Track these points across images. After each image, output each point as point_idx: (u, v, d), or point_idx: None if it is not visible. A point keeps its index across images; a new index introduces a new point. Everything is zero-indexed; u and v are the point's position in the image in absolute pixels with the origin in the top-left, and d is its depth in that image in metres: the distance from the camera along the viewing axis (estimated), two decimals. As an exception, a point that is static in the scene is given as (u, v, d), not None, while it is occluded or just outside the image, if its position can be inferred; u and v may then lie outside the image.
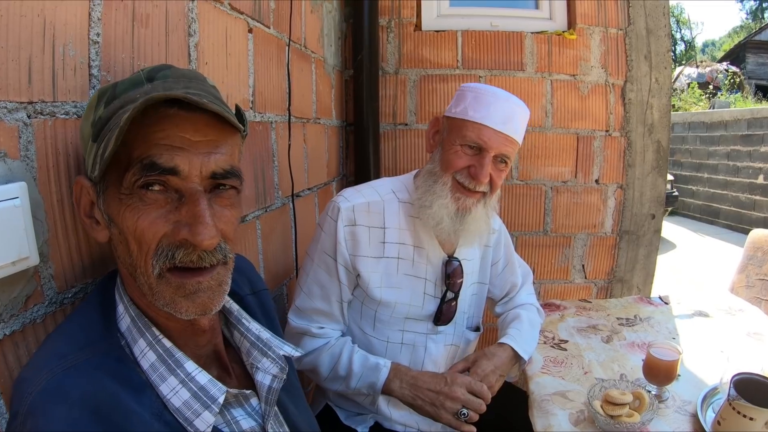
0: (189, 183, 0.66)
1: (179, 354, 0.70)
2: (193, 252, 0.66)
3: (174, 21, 0.99)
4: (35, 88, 0.68)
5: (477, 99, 1.30)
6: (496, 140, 1.28)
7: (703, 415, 1.17)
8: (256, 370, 0.82)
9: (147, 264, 0.66)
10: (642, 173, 2.56)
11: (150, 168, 0.63)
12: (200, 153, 0.66)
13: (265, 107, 1.46)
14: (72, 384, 0.59)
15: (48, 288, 0.72)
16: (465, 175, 1.31)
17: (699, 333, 1.67)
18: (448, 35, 2.46)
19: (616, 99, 2.50)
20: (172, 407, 0.67)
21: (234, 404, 0.77)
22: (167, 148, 0.64)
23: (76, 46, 0.75)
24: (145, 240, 0.65)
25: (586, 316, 1.80)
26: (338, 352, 1.37)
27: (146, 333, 0.70)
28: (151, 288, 0.67)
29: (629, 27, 2.46)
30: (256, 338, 0.84)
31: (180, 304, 0.67)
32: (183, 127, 0.65)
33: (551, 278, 2.65)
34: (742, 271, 2.37)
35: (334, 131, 2.35)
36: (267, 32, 1.46)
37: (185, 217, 0.65)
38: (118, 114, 0.65)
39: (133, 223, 0.65)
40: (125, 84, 0.69)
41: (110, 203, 0.67)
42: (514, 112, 1.31)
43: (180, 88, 0.68)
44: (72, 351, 0.62)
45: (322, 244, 1.37)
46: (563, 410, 1.23)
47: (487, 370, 1.35)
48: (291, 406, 0.89)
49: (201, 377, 0.70)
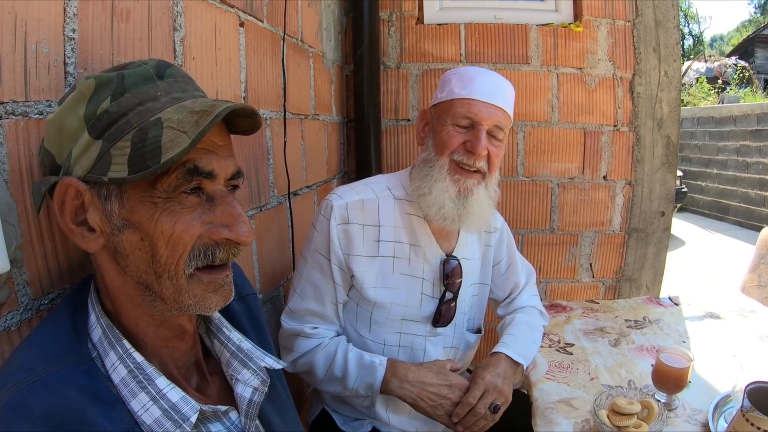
0: (217, 185, 0.69)
1: (150, 369, 0.67)
2: (230, 249, 0.70)
3: (157, 15, 0.95)
4: (6, 87, 0.65)
5: (460, 78, 1.30)
6: (486, 112, 1.27)
7: (714, 425, 1.13)
8: (236, 382, 0.79)
9: (179, 266, 0.66)
10: (651, 169, 2.51)
11: (194, 172, 0.64)
12: (224, 156, 0.70)
13: (259, 103, 1.42)
14: (36, 400, 0.57)
15: (22, 294, 0.70)
16: (462, 152, 1.28)
17: (710, 336, 1.62)
18: (451, 28, 2.41)
19: (624, 93, 2.44)
20: (143, 424, 0.64)
21: (211, 419, 0.73)
22: (204, 152, 0.66)
23: (50, 43, 0.72)
24: (182, 242, 0.65)
25: (593, 318, 1.75)
26: (333, 352, 1.33)
27: (117, 346, 0.66)
28: (179, 290, 0.67)
29: (637, 19, 2.39)
30: (237, 348, 0.81)
31: (210, 299, 0.70)
32: (213, 132, 0.68)
33: (558, 277, 2.60)
34: (754, 270, 2.32)
35: (335, 127, 2.31)
36: (260, 26, 1.42)
37: (221, 218, 0.68)
38: (139, 111, 0.64)
39: (170, 226, 0.64)
40: (133, 78, 0.65)
41: (135, 207, 0.64)
42: (500, 85, 1.31)
43: (193, 90, 0.71)
44: (39, 363, 0.60)
45: (315, 243, 1.34)
46: (567, 419, 1.19)
47: (477, 395, 1.30)
48: (276, 419, 0.85)
49: (173, 394, 0.66)
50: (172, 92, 0.67)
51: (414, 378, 1.30)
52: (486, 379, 1.30)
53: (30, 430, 0.55)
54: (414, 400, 1.29)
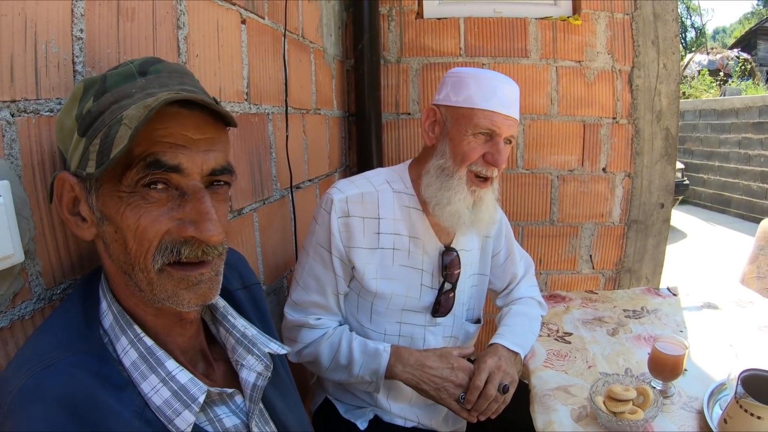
0: (191, 180, 0.67)
1: (160, 353, 0.70)
2: (198, 247, 0.68)
3: (161, 14, 0.97)
4: (18, 86, 0.68)
5: (480, 86, 1.30)
6: (506, 124, 1.30)
7: (709, 412, 1.15)
8: (240, 368, 0.82)
9: (147, 260, 0.66)
10: (650, 161, 2.52)
11: (154, 166, 0.64)
12: (201, 151, 0.67)
13: (261, 99, 1.44)
14: (50, 383, 0.59)
15: (36, 285, 0.72)
16: (481, 163, 1.31)
17: (708, 326, 1.64)
18: (451, 23, 2.43)
19: (623, 85, 2.46)
20: (153, 405, 0.67)
21: (217, 402, 0.76)
22: (170, 146, 0.65)
23: (59, 42, 0.75)
24: (147, 237, 0.65)
25: (591, 308, 1.78)
26: (337, 341, 1.37)
27: (128, 331, 0.69)
28: (150, 283, 0.67)
29: (636, 12, 2.40)
30: (242, 335, 0.83)
31: (182, 295, 0.69)
32: (185, 125, 0.66)
33: (558, 269, 2.62)
34: (753, 261, 2.34)
35: (336, 122, 2.33)
36: (261, 23, 1.44)
37: (190, 214, 0.66)
38: (113, 109, 0.65)
39: (134, 221, 0.64)
40: (115, 77, 0.68)
41: (106, 201, 0.66)
42: (515, 95, 1.34)
43: (175, 84, 0.70)
44: (52, 349, 0.62)
45: (316, 236, 1.37)
46: (565, 406, 1.21)
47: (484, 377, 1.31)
48: (279, 403, 0.87)
49: (181, 376, 0.69)
50: (148, 88, 0.67)
51: (416, 362, 1.33)
52: (488, 362, 1.33)
53: (45, 412, 0.57)
54: (417, 383, 1.32)
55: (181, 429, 0.66)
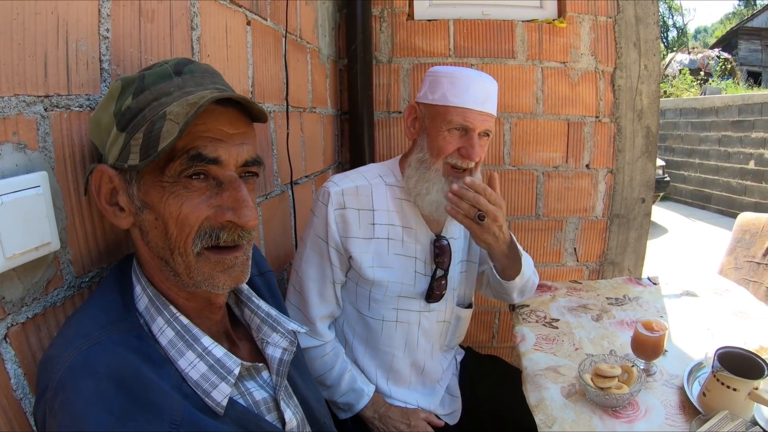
0: (227, 171, 0.73)
1: (196, 330, 0.75)
2: (234, 232, 0.73)
3: (177, 15, 1.02)
4: (51, 82, 0.71)
5: (454, 84, 1.36)
6: (479, 119, 1.35)
7: (689, 388, 1.22)
8: (266, 345, 0.87)
9: (187, 245, 0.71)
10: (632, 158, 2.61)
11: (197, 158, 0.69)
12: (235, 144, 0.73)
13: (264, 97, 1.50)
14: (97, 360, 0.63)
15: (67, 272, 0.76)
16: (456, 156, 1.37)
17: (687, 312, 1.71)
18: (440, 24, 2.49)
19: (606, 86, 2.54)
20: (190, 380, 0.72)
21: (246, 377, 0.82)
22: (210, 140, 0.71)
23: (88, 41, 0.78)
24: (188, 223, 0.70)
25: (576, 296, 1.85)
26: (330, 365, 1.45)
27: (164, 311, 0.74)
28: (188, 267, 0.73)
29: (618, 15, 2.49)
30: (266, 314, 0.89)
31: (218, 278, 0.74)
32: (221, 121, 0.72)
33: (544, 261, 2.70)
34: (731, 253, 2.43)
35: (330, 120, 2.39)
36: (264, 24, 1.49)
37: (228, 201, 0.72)
38: (153, 106, 0.70)
39: (177, 208, 0.70)
40: (153, 76, 0.73)
41: (149, 190, 0.71)
42: (490, 90, 1.38)
43: (209, 84, 0.76)
44: (95, 330, 0.66)
45: (314, 228, 1.43)
46: (555, 384, 1.28)
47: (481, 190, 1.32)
48: (299, 380, 0.94)
49: (217, 351, 0.75)
50: (185, 87, 0.73)
51: (384, 413, 1.45)
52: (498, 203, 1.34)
53: (95, 386, 0.61)
54: (378, 429, 1.45)
55: (218, 400, 0.72)
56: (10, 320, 0.66)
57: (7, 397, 0.66)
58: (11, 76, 0.65)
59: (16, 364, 0.67)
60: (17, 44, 0.65)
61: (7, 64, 0.64)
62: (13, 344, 0.66)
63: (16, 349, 0.67)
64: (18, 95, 0.66)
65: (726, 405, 1.08)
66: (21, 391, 0.68)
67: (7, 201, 0.64)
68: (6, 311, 0.65)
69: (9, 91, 0.65)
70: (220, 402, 0.72)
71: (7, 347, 0.66)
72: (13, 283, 0.66)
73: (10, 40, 0.64)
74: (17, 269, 0.67)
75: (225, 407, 0.72)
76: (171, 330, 0.74)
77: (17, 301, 0.67)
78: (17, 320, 0.67)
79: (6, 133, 0.65)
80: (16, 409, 0.67)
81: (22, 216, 0.66)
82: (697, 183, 9.94)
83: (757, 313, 1.68)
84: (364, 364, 1.52)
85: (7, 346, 0.66)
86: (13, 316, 0.66)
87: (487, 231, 1.34)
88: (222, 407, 0.72)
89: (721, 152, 9.12)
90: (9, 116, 0.65)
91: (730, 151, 8.88)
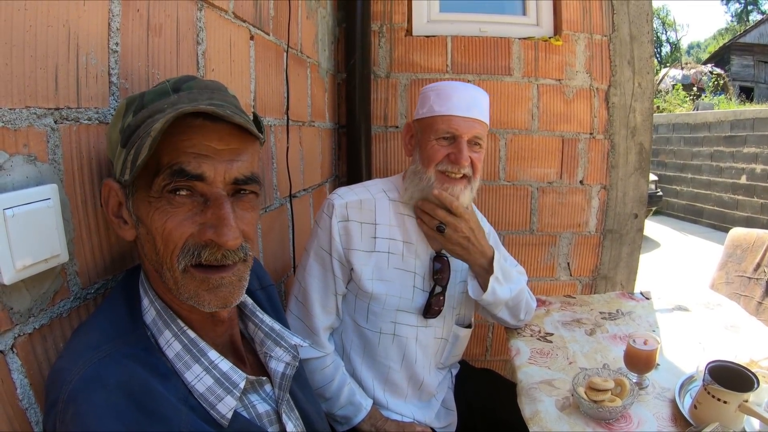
0: (214, 188, 0.72)
1: (203, 344, 0.76)
2: (217, 251, 0.72)
3: (184, 30, 1.04)
4: (61, 94, 0.72)
5: (439, 95, 1.41)
6: (465, 125, 1.38)
7: (681, 401, 1.24)
8: (269, 359, 0.89)
9: (173, 260, 0.71)
10: (625, 174, 2.65)
11: (179, 174, 0.69)
12: (224, 161, 0.72)
13: (265, 111, 1.51)
14: (108, 372, 0.63)
15: (73, 284, 0.77)
16: (446, 162, 1.40)
17: (678, 326, 1.73)
18: (438, 40, 2.52)
19: (600, 103, 2.59)
20: (196, 393, 0.73)
21: (250, 390, 0.83)
22: (194, 155, 0.70)
23: (98, 54, 0.79)
24: (172, 239, 0.70)
25: (570, 311, 1.87)
26: (330, 377, 1.45)
27: (171, 325, 0.76)
28: (176, 282, 0.72)
29: (613, 33, 2.54)
30: (270, 329, 0.91)
31: (203, 297, 0.73)
32: (208, 136, 0.71)
33: (538, 276, 2.72)
34: (722, 268, 2.45)
35: (328, 133, 2.41)
36: (267, 39, 1.51)
37: (210, 219, 0.71)
38: (147, 123, 0.71)
39: (161, 224, 0.70)
40: (152, 94, 0.75)
41: (139, 205, 0.72)
42: (475, 97, 1.42)
43: (204, 100, 0.74)
44: (104, 342, 0.67)
45: (318, 239, 1.45)
46: (550, 397, 1.30)
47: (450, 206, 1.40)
48: (300, 394, 0.95)
49: (223, 365, 0.76)
50: (178, 104, 0.71)
51: (380, 427, 1.46)
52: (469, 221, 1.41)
53: (106, 398, 0.61)
54: None
55: (223, 413, 0.73)
56: (18, 331, 0.66)
57: (13, 406, 0.66)
58: (23, 88, 0.65)
59: (22, 374, 0.67)
60: (29, 56, 0.66)
61: (19, 76, 0.65)
62: (19, 354, 0.67)
63: (23, 359, 0.67)
64: (29, 107, 0.67)
65: (717, 417, 1.10)
66: (27, 401, 0.68)
67: (19, 213, 0.64)
68: (14, 322, 0.66)
69: (20, 103, 0.65)
70: (225, 414, 0.73)
71: (14, 357, 0.66)
72: (21, 294, 0.67)
73: (23, 52, 0.65)
74: (25, 280, 0.67)
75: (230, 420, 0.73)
76: (178, 343, 0.75)
77: (25, 312, 0.67)
78: (24, 331, 0.67)
79: (17, 144, 0.65)
80: (21, 418, 0.68)
81: (32, 228, 0.66)
82: (690, 197, 10.01)
83: (748, 327, 1.71)
84: (361, 375, 1.52)
85: (14, 356, 0.66)
86: (20, 327, 0.67)
87: (451, 241, 1.41)
88: (227, 420, 0.73)
89: (713, 167, 9.20)
90: (20, 128, 0.66)
91: (722, 165, 8.97)
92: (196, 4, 1.08)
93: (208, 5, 1.13)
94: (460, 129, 1.38)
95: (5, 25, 0.62)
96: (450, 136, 1.39)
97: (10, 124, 0.64)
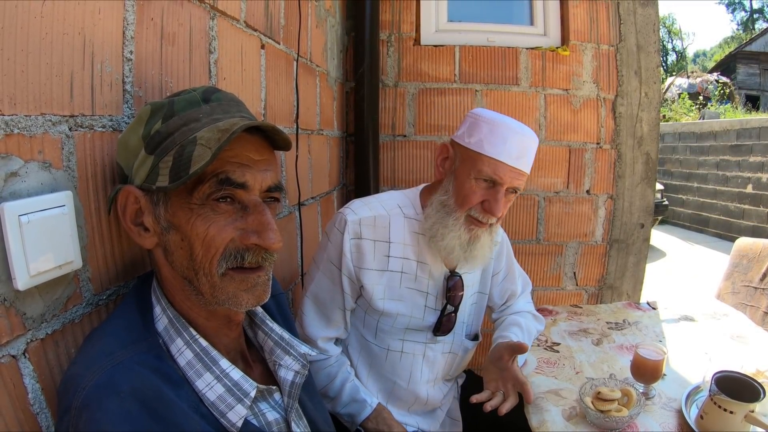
0: (252, 196, 0.76)
1: (215, 352, 0.77)
2: (258, 254, 0.76)
3: (196, 39, 1.05)
4: (76, 102, 0.73)
5: (492, 132, 1.31)
6: (510, 175, 1.32)
7: (687, 411, 1.24)
8: (278, 367, 0.89)
9: (212, 265, 0.73)
10: (631, 184, 2.65)
11: (225, 182, 0.72)
12: (260, 170, 0.76)
13: (275, 120, 1.52)
14: (121, 379, 0.64)
15: (86, 290, 0.77)
16: (479, 209, 1.34)
17: (685, 336, 1.73)
18: (446, 50, 2.54)
19: (607, 113, 2.59)
20: (207, 401, 0.73)
21: (259, 398, 0.84)
22: (238, 165, 0.73)
23: (112, 63, 0.80)
24: (215, 244, 0.73)
25: (577, 321, 1.87)
26: (334, 375, 1.44)
27: (184, 333, 0.76)
28: (212, 286, 0.75)
29: (620, 43, 2.55)
30: (279, 338, 0.91)
31: (241, 297, 0.76)
32: (247, 147, 0.75)
33: (544, 285, 2.72)
34: (728, 278, 2.44)
35: (336, 142, 2.42)
36: (277, 48, 1.52)
37: (253, 225, 0.74)
38: (183, 131, 0.73)
39: (204, 230, 0.72)
40: (182, 103, 0.76)
41: (176, 212, 0.73)
42: (528, 147, 1.35)
43: (235, 112, 0.79)
44: (117, 349, 0.68)
45: (328, 253, 1.43)
46: (556, 407, 1.30)
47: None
48: (308, 401, 0.95)
49: (234, 373, 0.77)
50: (213, 114, 0.75)
51: (386, 428, 1.42)
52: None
53: (120, 405, 0.62)
54: None
55: (233, 421, 0.74)
56: (30, 336, 0.67)
57: (24, 411, 0.67)
58: (39, 95, 0.66)
59: (34, 379, 0.68)
60: (45, 64, 0.67)
61: (35, 83, 0.66)
62: (31, 359, 0.67)
63: (35, 365, 0.68)
64: (44, 114, 0.67)
65: (723, 427, 1.10)
66: (38, 406, 0.69)
67: (34, 219, 0.65)
68: (26, 327, 0.66)
69: (36, 110, 0.66)
70: (236, 423, 0.74)
71: (26, 362, 0.66)
72: (35, 299, 0.68)
73: (39, 60, 0.66)
74: (39, 286, 0.68)
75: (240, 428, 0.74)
76: (190, 351, 0.75)
77: (38, 317, 0.68)
78: (37, 336, 0.68)
79: (32, 151, 0.66)
80: (32, 423, 0.68)
81: (47, 234, 0.67)
82: (696, 207, 9.96)
83: (754, 337, 1.71)
84: (366, 385, 1.51)
85: (26, 361, 0.66)
86: (33, 332, 0.67)
87: None
88: (237, 428, 0.74)
89: (719, 176, 9.16)
90: (35, 135, 0.66)
91: (728, 175, 8.92)
92: (209, 14, 1.10)
93: (221, 14, 1.14)
94: (504, 178, 1.31)
95: (21, 32, 0.63)
96: (490, 180, 1.32)
97: (25, 131, 0.65)
